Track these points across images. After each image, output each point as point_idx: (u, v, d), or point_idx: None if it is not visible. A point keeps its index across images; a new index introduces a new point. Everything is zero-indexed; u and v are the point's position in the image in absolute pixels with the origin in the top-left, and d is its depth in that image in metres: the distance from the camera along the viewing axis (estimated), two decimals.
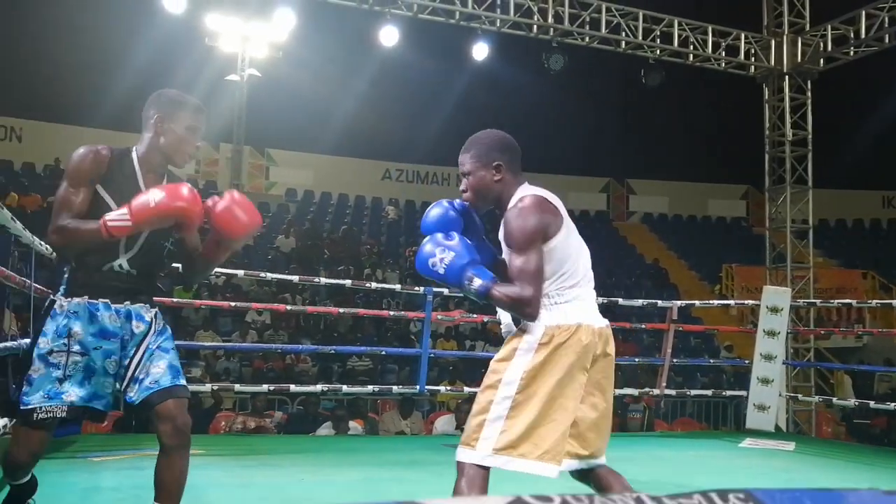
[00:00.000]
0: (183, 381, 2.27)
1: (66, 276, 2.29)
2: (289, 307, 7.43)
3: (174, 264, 3.09)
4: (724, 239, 20.29)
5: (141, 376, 2.22)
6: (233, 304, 7.34)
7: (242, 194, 2.37)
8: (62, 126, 18.20)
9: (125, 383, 2.23)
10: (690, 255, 19.27)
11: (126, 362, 2.24)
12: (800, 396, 8.42)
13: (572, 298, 2.18)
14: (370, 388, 7.07)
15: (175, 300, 6.32)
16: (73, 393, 2.19)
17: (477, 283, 2.14)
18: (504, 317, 2.68)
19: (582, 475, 2.27)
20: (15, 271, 4.01)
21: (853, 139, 18.02)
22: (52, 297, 2.29)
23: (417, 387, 6.24)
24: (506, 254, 2.22)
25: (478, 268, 2.17)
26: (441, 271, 2.17)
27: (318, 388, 6.91)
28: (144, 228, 2.20)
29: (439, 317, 7.59)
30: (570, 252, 2.20)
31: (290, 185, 19.47)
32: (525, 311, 2.12)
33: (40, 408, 2.17)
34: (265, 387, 6.53)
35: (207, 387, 6.33)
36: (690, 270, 18.73)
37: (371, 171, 20.58)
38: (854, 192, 21.49)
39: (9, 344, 3.92)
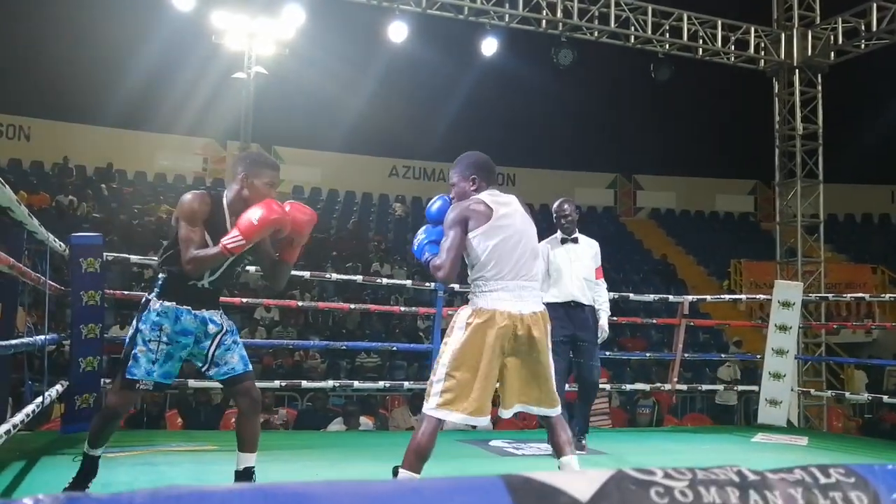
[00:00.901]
0: (251, 367, 3.06)
1: (159, 283, 2.97)
2: (300, 303, 7.41)
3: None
4: (733, 234, 20.23)
5: (220, 363, 2.98)
6: (242, 300, 7.33)
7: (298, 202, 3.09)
8: (70, 125, 18.26)
9: (206, 366, 3.00)
10: (698, 251, 19.22)
11: (205, 353, 2.98)
12: (812, 391, 8.38)
13: (496, 289, 2.79)
14: (381, 383, 7.06)
15: None
16: (158, 374, 2.93)
17: (425, 256, 2.95)
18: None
19: (542, 420, 3.01)
20: (29, 268, 4.02)
21: (861, 134, 17.93)
22: (146, 297, 2.98)
23: None
24: None
25: (432, 245, 2.95)
26: (414, 247, 3.04)
27: (329, 384, 6.91)
28: (255, 241, 2.83)
29: (450, 312, 7.56)
30: (495, 252, 2.81)
31: (298, 182, 19.48)
32: (437, 274, 2.85)
33: (142, 381, 2.92)
34: (277, 383, 6.53)
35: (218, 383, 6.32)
36: (699, 266, 18.68)
37: (378, 168, 20.58)
38: (863, 186, 21.40)
39: (24, 340, 3.93)
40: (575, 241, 4.83)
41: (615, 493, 0.57)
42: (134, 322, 2.99)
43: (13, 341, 3.70)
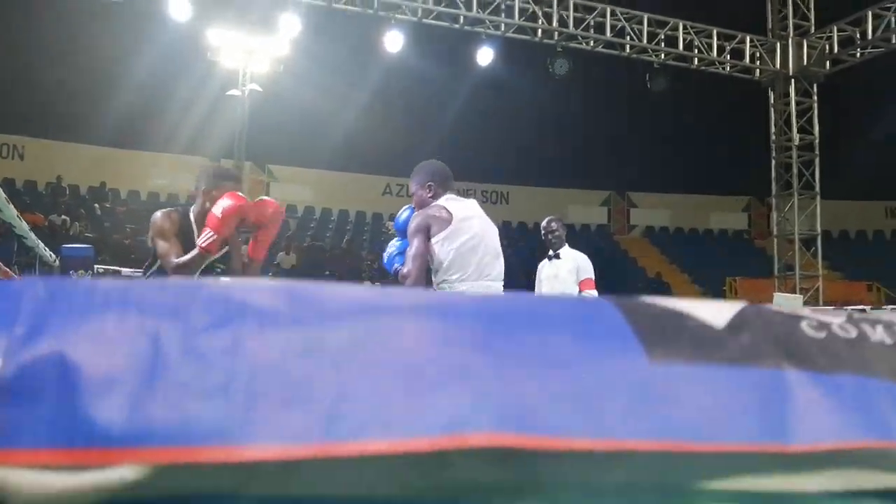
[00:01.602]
0: None
1: None
2: None
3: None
4: (727, 252, 20.19)
5: None
6: None
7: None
8: (64, 144, 18.16)
9: None
10: (693, 269, 19.16)
11: None
12: None
13: (462, 290, 2.86)
14: None
15: None
16: None
17: (395, 266, 3.03)
18: None
19: None
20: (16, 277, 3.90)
21: (855, 150, 17.97)
22: None
23: None
24: None
25: (401, 257, 3.02)
26: (384, 261, 3.16)
27: None
28: (226, 233, 2.94)
29: None
30: (458, 254, 2.88)
31: (291, 200, 19.36)
32: (405, 283, 2.92)
33: None
34: None
35: None
36: (693, 284, 18.60)
37: (372, 185, 20.53)
38: (857, 202, 21.42)
39: None
40: (557, 256, 4.89)
41: (756, 320, 0.47)
42: None
43: None
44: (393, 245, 3.15)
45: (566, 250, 4.94)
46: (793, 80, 9.77)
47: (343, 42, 13.74)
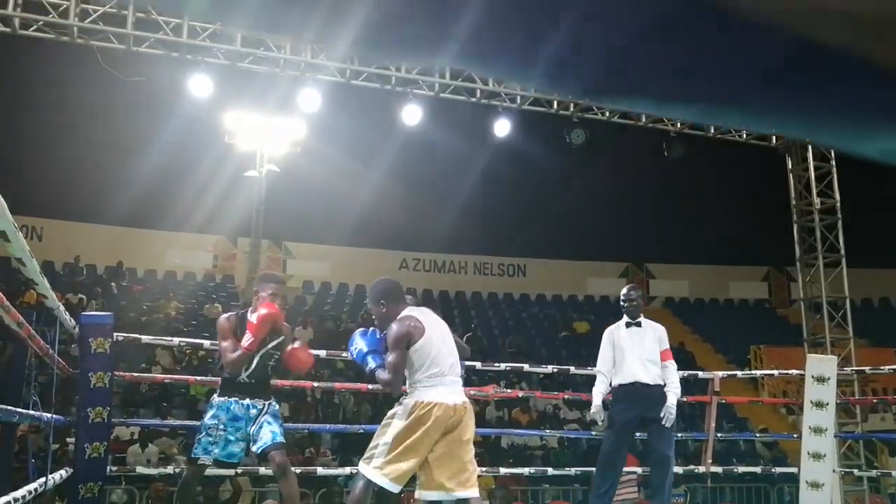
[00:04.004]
0: (279, 439, 3.89)
1: (220, 384, 4.01)
2: (315, 384, 7.12)
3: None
4: (749, 321, 19.90)
5: (257, 439, 3.86)
6: None
7: (305, 346, 4.33)
8: (81, 224, 18.37)
9: (250, 443, 3.89)
10: (716, 339, 18.86)
11: (250, 433, 3.88)
12: (856, 472, 7.94)
13: (434, 385, 3.36)
14: None
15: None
16: (215, 453, 3.87)
17: (370, 366, 3.42)
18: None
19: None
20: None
21: (876, 216, 17.81)
22: (215, 395, 3.98)
23: None
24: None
25: (375, 356, 3.43)
26: (353, 355, 3.54)
27: (347, 470, 6.54)
28: (261, 336, 3.76)
29: (472, 392, 7.27)
30: (434, 352, 3.38)
31: (308, 277, 19.39)
32: (386, 389, 3.51)
33: (200, 458, 3.88)
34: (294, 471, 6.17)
35: (232, 471, 6.00)
36: (717, 354, 18.28)
37: (388, 261, 20.52)
38: (878, 270, 21.15)
39: (31, 412, 3.65)
40: (638, 324, 5.02)
41: None
42: (204, 414, 4.01)
43: (20, 410, 3.46)
44: (361, 341, 3.51)
45: (644, 320, 5.09)
46: (810, 147, 9.74)
47: (359, 117, 13.94)
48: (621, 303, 5.14)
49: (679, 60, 0.51)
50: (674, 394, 4.93)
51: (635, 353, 4.91)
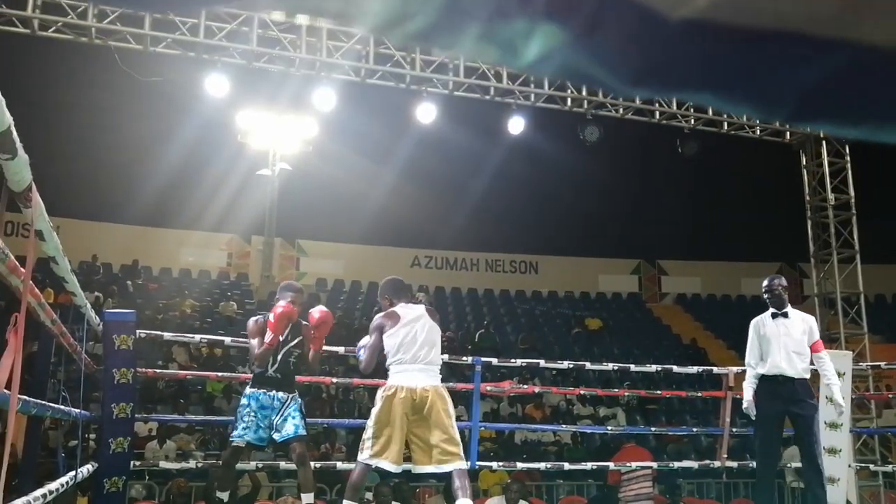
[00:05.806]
0: (301, 432, 4.38)
1: (251, 377, 4.48)
2: (334, 380, 7.18)
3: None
4: None
5: (280, 429, 4.34)
6: None
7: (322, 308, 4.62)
8: (98, 224, 18.51)
9: (273, 431, 4.35)
10: (728, 335, 18.80)
11: (274, 422, 4.35)
12: (871, 467, 7.93)
13: (401, 371, 3.85)
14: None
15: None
16: (251, 437, 4.35)
17: (358, 354, 4.11)
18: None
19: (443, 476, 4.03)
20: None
21: (889, 212, 17.71)
22: (248, 387, 4.47)
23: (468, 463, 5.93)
24: None
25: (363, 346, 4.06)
26: (356, 351, 4.21)
27: None
28: (279, 332, 4.28)
29: (488, 388, 7.32)
30: (403, 342, 3.86)
31: (321, 275, 19.47)
32: (360, 368, 4.11)
33: (236, 441, 4.36)
34: (311, 464, 6.24)
35: (252, 464, 6.10)
36: (730, 350, 18.22)
37: (400, 258, 20.57)
38: (892, 266, 21.02)
39: (61, 407, 3.73)
40: (785, 315, 4.91)
41: None
42: (238, 404, 4.51)
43: (52, 405, 3.52)
44: (365, 340, 4.08)
45: (792, 310, 4.99)
46: (824, 142, 9.72)
47: (373, 116, 13.99)
48: (763, 294, 5.06)
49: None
50: (835, 385, 4.86)
51: (781, 343, 4.79)
